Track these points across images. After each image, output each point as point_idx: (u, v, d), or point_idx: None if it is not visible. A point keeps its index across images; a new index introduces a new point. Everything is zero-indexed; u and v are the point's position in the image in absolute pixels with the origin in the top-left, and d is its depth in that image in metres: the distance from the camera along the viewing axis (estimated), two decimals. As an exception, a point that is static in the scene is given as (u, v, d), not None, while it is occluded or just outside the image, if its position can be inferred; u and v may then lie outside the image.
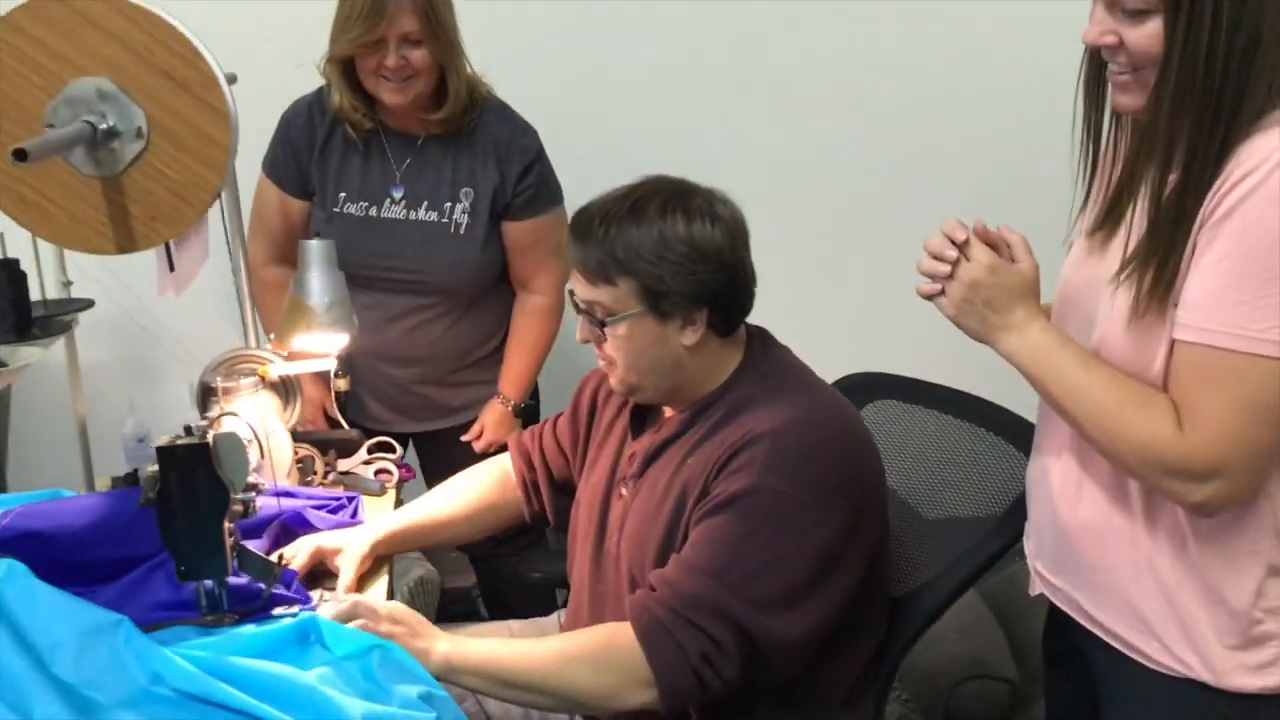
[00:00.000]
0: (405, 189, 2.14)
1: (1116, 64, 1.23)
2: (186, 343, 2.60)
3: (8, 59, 1.57)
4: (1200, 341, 1.16)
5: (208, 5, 1.76)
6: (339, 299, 1.91)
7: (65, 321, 2.01)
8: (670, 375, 1.53)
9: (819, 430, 1.47)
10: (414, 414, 2.33)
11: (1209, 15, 1.13)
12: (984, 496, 1.70)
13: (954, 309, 1.30)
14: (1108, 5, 1.21)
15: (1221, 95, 1.15)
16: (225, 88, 1.60)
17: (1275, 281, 1.12)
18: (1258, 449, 1.17)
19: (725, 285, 1.49)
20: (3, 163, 1.59)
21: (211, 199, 1.65)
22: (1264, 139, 1.14)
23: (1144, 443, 1.20)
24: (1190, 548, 1.25)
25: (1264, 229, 1.12)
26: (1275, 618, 1.24)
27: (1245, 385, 1.14)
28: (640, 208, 1.47)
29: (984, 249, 1.28)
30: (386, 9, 1.95)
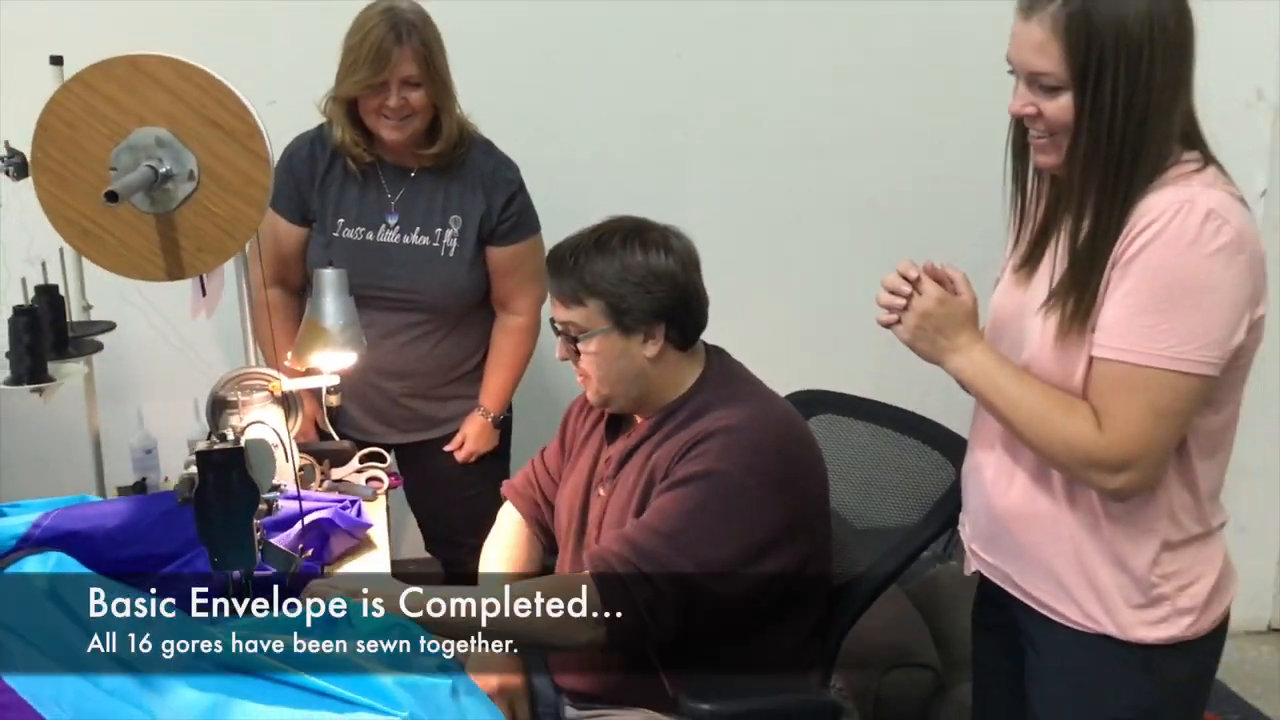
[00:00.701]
0: (399, 215, 2.33)
1: (1036, 130, 1.45)
2: (185, 360, 2.80)
3: (79, 111, 1.79)
4: (1114, 358, 1.40)
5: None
6: (351, 321, 2.14)
7: (96, 341, 2.21)
8: (637, 384, 1.77)
9: (769, 429, 1.73)
10: (400, 425, 2.50)
11: (1108, 92, 1.36)
12: (913, 496, 1.97)
13: (909, 335, 1.52)
14: (1028, 81, 1.43)
15: (1121, 157, 1.38)
16: (267, 137, 1.85)
17: (1173, 311, 1.36)
18: (1161, 445, 1.41)
19: (679, 303, 1.75)
20: (71, 199, 1.83)
21: (252, 233, 1.88)
22: (1160, 195, 1.39)
23: (1069, 442, 1.44)
24: (1102, 526, 1.50)
25: (1164, 269, 1.36)
26: (1168, 582, 1.50)
27: (1150, 393, 1.39)
28: (605, 241, 1.75)
29: (933, 284, 1.51)
30: (391, 55, 2.15)
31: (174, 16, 2.74)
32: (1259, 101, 2.71)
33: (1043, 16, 1.39)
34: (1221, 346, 1.38)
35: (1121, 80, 1.36)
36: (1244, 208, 1.41)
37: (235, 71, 1.84)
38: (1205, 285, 1.36)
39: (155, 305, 2.66)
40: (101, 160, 1.81)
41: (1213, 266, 1.36)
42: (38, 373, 2.00)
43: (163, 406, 2.58)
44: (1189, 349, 1.37)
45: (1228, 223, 1.36)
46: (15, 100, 2.31)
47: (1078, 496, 1.52)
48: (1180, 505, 1.49)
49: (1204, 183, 1.40)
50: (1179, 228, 1.36)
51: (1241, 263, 1.37)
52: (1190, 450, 1.47)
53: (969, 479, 1.69)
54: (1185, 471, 1.48)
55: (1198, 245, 1.35)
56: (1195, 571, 1.51)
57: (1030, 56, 1.41)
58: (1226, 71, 2.62)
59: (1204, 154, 1.44)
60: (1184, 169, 1.41)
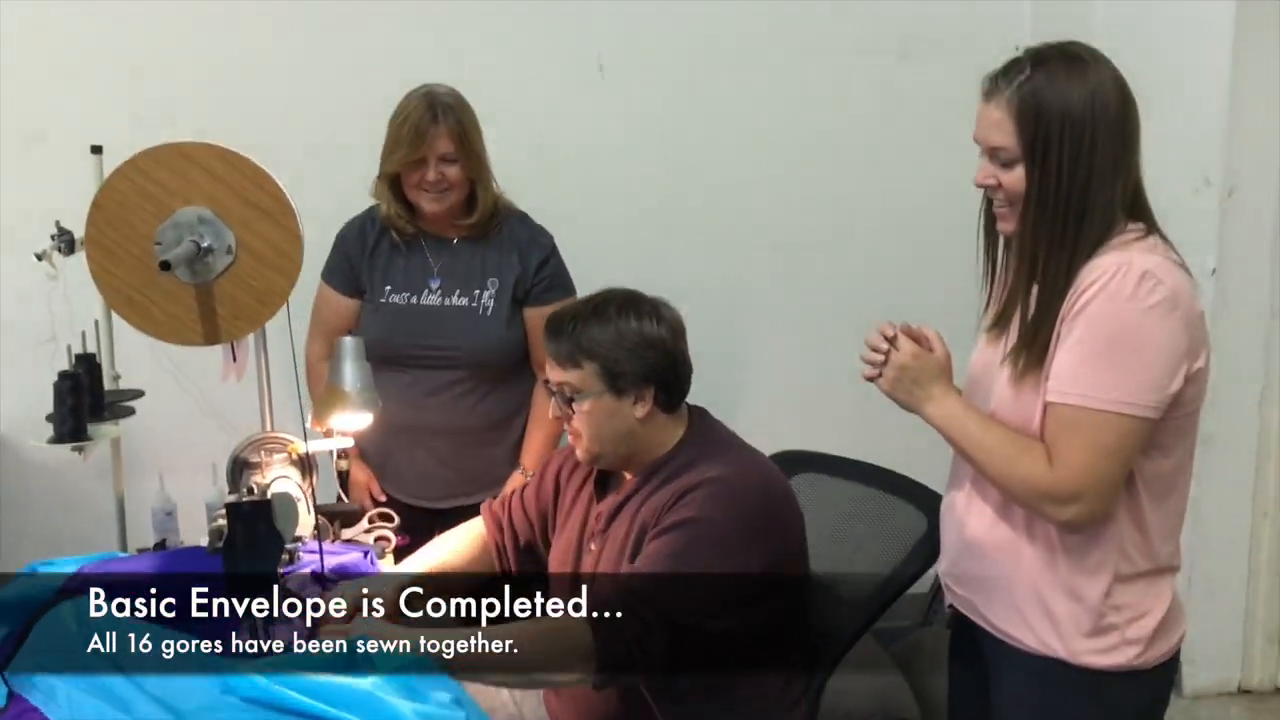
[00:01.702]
0: (441, 280, 2.48)
1: (997, 200, 1.61)
2: (203, 428, 2.97)
3: (130, 192, 1.98)
4: (1063, 402, 1.53)
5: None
6: (367, 385, 2.28)
7: (129, 406, 2.37)
8: (625, 442, 1.87)
9: (750, 481, 1.85)
10: (447, 488, 2.57)
11: (1054, 164, 1.51)
12: (891, 549, 2.08)
13: (889, 386, 1.67)
14: (989, 155, 1.59)
15: (1066, 223, 1.53)
16: (299, 216, 2.04)
17: (1113, 359, 1.50)
18: (1106, 479, 1.54)
19: (668, 368, 1.87)
20: (120, 271, 2.01)
21: (283, 302, 2.06)
22: (1103, 259, 1.51)
23: (1025, 478, 1.57)
24: (1059, 559, 1.61)
25: (1105, 321, 1.50)
26: (1118, 613, 1.62)
27: (1095, 432, 1.52)
28: (602, 309, 1.86)
29: (909, 341, 1.67)
30: (427, 134, 2.33)
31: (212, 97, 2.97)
32: (1206, 187, 2.88)
33: (999, 99, 1.57)
34: (1159, 392, 1.52)
35: (1066, 155, 1.52)
36: (1181, 271, 1.57)
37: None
38: (1142, 336, 1.50)
39: (185, 373, 2.82)
40: (148, 236, 2.00)
41: (1149, 320, 1.50)
42: (79, 433, 2.16)
43: (180, 472, 2.73)
44: (1127, 393, 1.51)
45: (1162, 282, 1.50)
46: (60, 182, 2.51)
47: (1037, 531, 1.63)
48: (1131, 542, 1.62)
49: (1144, 248, 1.54)
50: (1118, 285, 1.50)
51: (1177, 318, 1.51)
52: (1140, 492, 1.59)
53: (944, 517, 1.83)
54: (1135, 511, 1.60)
55: (1135, 301, 1.50)
56: (1144, 606, 1.63)
57: (990, 133, 1.58)
58: (1176, 159, 2.83)
59: (1148, 224, 1.58)
60: (1127, 237, 1.55)
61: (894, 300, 3.27)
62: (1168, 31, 2.97)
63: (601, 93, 3.25)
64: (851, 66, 3.32)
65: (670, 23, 3.25)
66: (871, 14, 3.32)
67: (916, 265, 3.38)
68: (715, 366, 3.29)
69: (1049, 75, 1.54)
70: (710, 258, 3.37)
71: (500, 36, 3.17)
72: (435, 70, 2.44)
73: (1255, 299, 2.91)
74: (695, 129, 3.31)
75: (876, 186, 3.39)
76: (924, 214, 3.37)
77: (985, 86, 1.60)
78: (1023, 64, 1.57)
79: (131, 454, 2.65)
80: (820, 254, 3.41)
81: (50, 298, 2.60)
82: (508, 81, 3.12)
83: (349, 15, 3.11)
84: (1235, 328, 2.87)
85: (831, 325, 3.35)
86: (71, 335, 2.35)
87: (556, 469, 2.10)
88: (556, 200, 3.03)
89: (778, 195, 3.38)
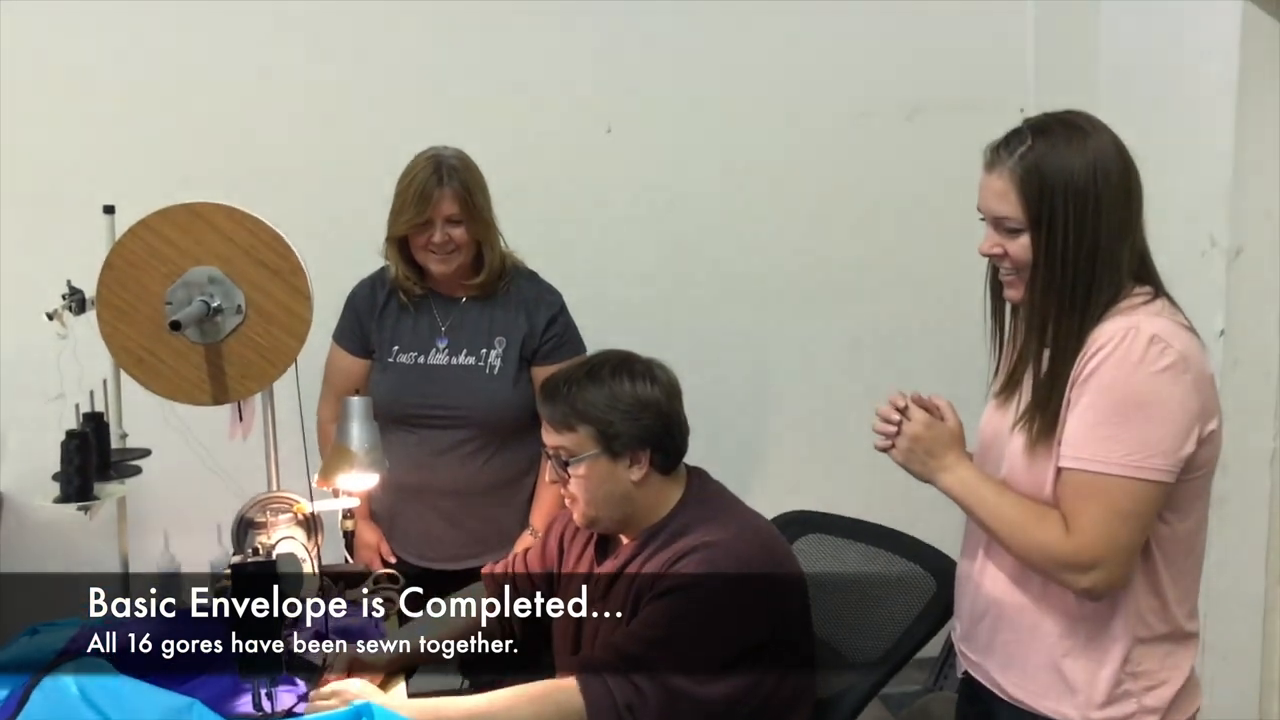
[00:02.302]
0: (448, 340, 2.47)
1: (1004, 268, 1.62)
2: (207, 490, 2.96)
3: (141, 252, 1.99)
4: (1077, 467, 1.53)
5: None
6: (374, 445, 2.28)
7: (135, 466, 2.37)
8: (621, 506, 1.87)
9: (748, 545, 1.84)
10: (456, 550, 2.56)
11: (1060, 232, 1.53)
12: (899, 610, 2.06)
13: (902, 457, 1.67)
14: (994, 225, 1.60)
15: (1075, 289, 1.54)
16: (308, 275, 2.05)
17: (1125, 423, 1.50)
18: (1125, 545, 1.53)
19: (663, 430, 1.86)
20: (130, 330, 2.02)
21: (291, 361, 2.06)
22: (1111, 323, 1.53)
23: (1043, 546, 1.57)
24: (1076, 626, 1.61)
25: (1116, 386, 1.51)
26: (1135, 681, 1.61)
27: (1110, 498, 1.52)
28: (595, 372, 1.86)
29: (920, 411, 1.67)
30: (432, 197, 2.34)
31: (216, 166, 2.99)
32: (1212, 248, 2.89)
33: (1002, 170, 1.59)
34: (1172, 455, 1.52)
35: (1071, 223, 1.53)
36: (1190, 334, 1.58)
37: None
38: (1154, 400, 1.51)
39: (195, 432, 2.83)
40: (158, 295, 2.01)
41: (1159, 384, 1.51)
42: (85, 492, 2.15)
43: (185, 532, 2.73)
44: (1141, 457, 1.51)
45: (1171, 346, 1.51)
46: (72, 242, 2.53)
47: (1053, 597, 1.63)
48: (1148, 608, 1.61)
49: (1151, 312, 1.55)
50: (1126, 350, 1.52)
51: (1187, 381, 1.52)
52: (1155, 557, 1.59)
53: (960, 584, 1.82)
54: (1151, 576, 1.59)
55: (1144, 365, 1.51)
56: (1162, 675, 1.62)
57: (994, 203, 1.59)
58: (1182, 220, 2.85)
59: (1155, 288, 1.60)
60: (1134, 300, 1.57)
61: (903, 360, 3.36)
62: (1172, 94, 2.99)
63: (610, 153, 3.28)
64: (857, 127, 3.36)
65: (678, 84, 3.29)
66: (876, 76, 3.36)
67: (924, 325, 3.39)
68: (720, 426, 3.33)
69: (1050, 144, 1.56)
70: (717, 318, 3.39)
71: (511, 97, 3.21)
72: (446, 132, 2.47)
73: (1264, 359, 2.90)
74: (703, 189, 3.34)
75: (882, 246, 3.42)
76: (930, 273, 3.39)
77: (987, 157, 1.62)
78: (1024, 134, 1.58)
79: (137, 513, 2.64)
80: (827, 313, 3.43)
81: (60, 356, 2.61)
82: (518, 142, 3.16)
83: (362, 78, 3.16)
84: (1244, 388, 2.86)
85: (840, 384, 3.38)
86: (80, 394, 2.36)
87: (560, 531, 2.09)
88: (566, 259, 3.07)
89: (784, 255, 3.40)
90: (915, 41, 3.35)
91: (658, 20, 3.26)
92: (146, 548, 2.64)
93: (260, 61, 3.10)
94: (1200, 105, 2.89)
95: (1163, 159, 3.03)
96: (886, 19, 3.33)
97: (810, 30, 3.32)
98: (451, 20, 3.18)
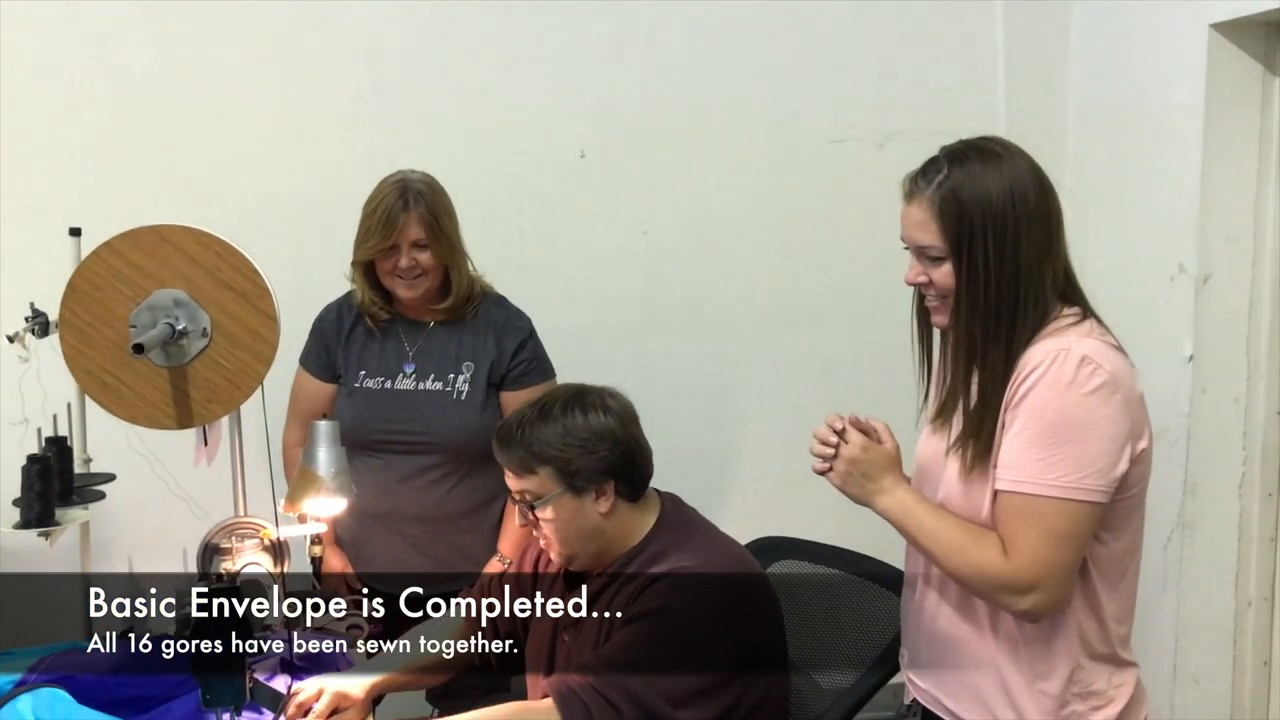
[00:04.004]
0: (415, 365, 2.45)
1: (930, 295, 1.63)
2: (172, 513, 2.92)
3: (105, 274, 1.97)
4: (1012, 489, 1.54)
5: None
6: (342, 469, 2.25)
7: (99, 490, 2.34)
8: (595, 540, 1.85)
9: (721, 571, 1.83)
10: (420, 577, 2.43)
11: (980, 258, 1.54)
12: (872, 635, 2.07)
13: (840, 480, 1.66)
14: (917, 254, 1.61)
15: (1000, 312, 1.55)
16: (275, 298, 2.03)
17: (1058, 444, 1.50)
18: (1062, 566, 1.53)
19: (623, 459, 1.84)
20: (93, 353, 1.99)
21: (257, 385, 2.04)
22: (1040, 346, 1.53)
23: (981, 569, 1.56)
24: (1020, 649, 1.61)
25: (1048, 408, 1.51)
26: (1082, 702, 1.62)
27: (1046, 520, 1.52)
28: (547, 411, 1.84)
29: (857, 434, 1.66)
30: (398, 221, 2.31)
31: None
32: (1181, 274, 2.90)
33: (921, 199, 1.59)
34: (1106, 476, 1.52)
35: (991, 248, 1.54)
36: (1119, 354, 1.57)
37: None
38: (1085, 421, 1.51)
39: (160, 456, 2.79)
40: (123, 319, 1.99)
41: (1091, 404, 1.51)
42: (46, 518, 2.12)
43: (149, 557, 2.67)
44: (1075, 478, 1.51)
45: (1100, 366, 1.52)
46: (37, 265, 2.50)
47: (998, 621, 1.63)
48: (1089, 629, 1.62)
49: (1080, 333, 1.56)
50: (1057, 372, 1.51)
51: (1117, 401, 1.52)
52: (1093, 577, 1.59)
53: (905, 611, 1.82)
54: (1089, 596, 1.60)
55: (1075, 386, 1.51)
56: (1107, 695, 1.63)
57: (915, 233, 1.60)
58: (1150, 247, 2.88)
59: (1083, 308, 1.61)
60: (1063, 322, 1.58)
61: (875, 385, 3.33)
62: (1139, 122, 3.01)
63: (583, 178, 3.27)
64: (830, 154, 3.36)
65: (652, 110, 3.28)
66: (849, 103, 3.36)
67: (897, 351, 3.36)
68: (695, 450, 3.31)
69: (966, 172, 1.57)
70: (690, 341, 3.38)
71: (485, 123, 3.20)
72: (416, 155, 2.47)
73: (1232, 385, 2.91)
74: (676, 214, 3.33)
75: (855, 272, 3.41)
76: (903, 299, 3.30)
77: (906, 188, 1.63)
78: (940, 163, 1.60)
79: (100, 538, 2.61)
80: (800, 338, 3.43)
81: (22, 380, 2.58)
82: (491, 167, 3.15)
83: (333, 100, 3.14)
84: (1213, 414, 2.87)
85: (812, 409, 3.36)
86: (43, 418, 2.33)
87: (535, 555, 2.07)
88: (537, 283, 3.06)
89: (757, 280, 3.39)
90: (887, 69, 3.36)
91: (632, 46, 3.26)
92: (109, 573, 2.59)
93: (230, 84, 3.08)
94: (1168, 133, 2.91)
95: (1131, 186, 3.10)
96: (858, 47, 3.34)
97: (783, 58, 3.32)
98: (422, 43, 3.17)
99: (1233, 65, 2.78)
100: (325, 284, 2.50)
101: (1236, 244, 2.87)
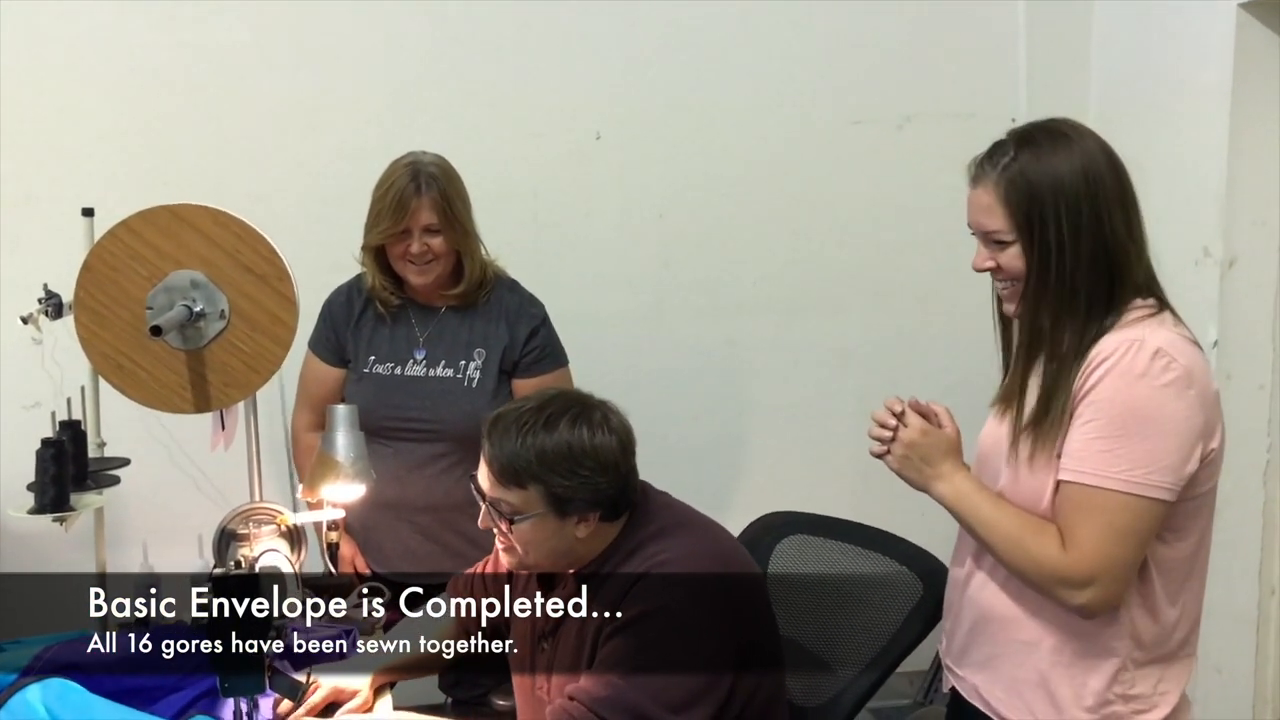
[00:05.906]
0: (426, 351, 2.41)
1: (999, 280, 1.59)
2: (187, 499, 2.90)
3: (121, 254, 1.94)
4: (1076, 481, 1.50)
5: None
6: (360, 455, 2.23)
7: (114, 475, 2.31)
8: (565, 557, 1.76)
9: (703, 559, 1.76)
10: (427, 564, 2.49)
11: (1053, 241, 1.49)
12: (886, 613, 2.02)
13: (897, 464, 1.62)
14: (983, 239, 1.57)
15: (1072, 298, 1.51)
16: (294, 281, 2.00)
17: (1126, 438, 1.46)
18: (1121, 563, 1.49)
19: (618, 491, 1.73)
20: (109, 336, 1.96)
21: (276, 369, 2.01)
22: (1113, 336, 1.49)
23: (1038, 561, 1.53)
24: (1067, 642, 1.57)
25: (1118, 400, 1.46)
26: (1125, 703, 1.58)
27: (1109, 514, 1.48)
28: (553, 422, 1.70)
29: (916, 417, 1.62)
30: (409, 205, 2.28)
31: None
32: (1206, 258, 2.88)
33: (986, 183, 1.55)
34: (1174, 473, 1.48)
35: (1066, 229, 1.50)
36: (1195, 348, 1.54)
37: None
38: (1156, 415, 1.47)
39: (177, 440, 2.77)
40: (139, 300, 1.96)
41: (1163, 398, 1.47)
42: (60, 503, 2.09)
43: (165, 543, 2.66)
44: (1141, 473, 1.47)
45: (1175, 360, 1.47)
46: (50, 245, 2.47)
47: (1046, 613, 1.60)
48: (1143, 629, 1.57)
49: (1155, 324, 1.51)
50: (1129, 363, 1.48)
51: (1191, 397, 1.48)
52: (1154, 577, 1.54)
53: (949, 595, 1.78)
54: (1148, 596, 1.55)
55: (1147, 378, 1.48)
56: (1152, 699, 1.59)
57: (981, 218, 1.56)
58: (1175, 231, 2.82)
59: (1160, 301, 1.56)
60: (1138, 314, 1.53)
61: (892, 370, 3.32)
62: (1165, 104, 2.98)
63: (599, 160, 3.24)
64: (849, 135, 3.33)
65: (668, 91, 3.25)
66: (868, 84, 3.33)
67: (914, 334, 3.37)
68: (710, 434, 3.28)
69: (1035, 153, 1.53)
70: (706, 324, 3.35)
71: (500, 104, 3.17)
72: (430, 137, 2.43)
73: (1258, 371, 2.89)
74: (692, 197, 3.30)
75: (873, 255, 3.39)
76: (921, 283, 3.37)
77: (972, 172, 1.59)
78: (1007, 146, 1.56)
79: (114, 523, 2.59)
80: (817, 320, 3.39)
81: (37, 362, 2.55)
82: (505, 148, 3.12)
83: (346, 82, 3.11)
84: (1238, 400, 2.84)
85: (829, 391, 3.35)
86: (57, 401, 2.30)
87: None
88: (552, 267, 3.03)
89: (774, 264, 3.37)
90: (907, 50, 3.32)
91: (648, 27, 3.22)
92: (124, 558, 2.57)
93: (242, 64, 3.05)
94: (1194, 114, 2.89)
95: (1156, 169, 3.05)
96: (878, 28, 3.31)
97: (802, 39, 3.29)
98: (436, 24, 3.14)
99: (1261, 46, 2.75)
100: (337, 266, 2.46)
101: (1263, 227, 2.84)
